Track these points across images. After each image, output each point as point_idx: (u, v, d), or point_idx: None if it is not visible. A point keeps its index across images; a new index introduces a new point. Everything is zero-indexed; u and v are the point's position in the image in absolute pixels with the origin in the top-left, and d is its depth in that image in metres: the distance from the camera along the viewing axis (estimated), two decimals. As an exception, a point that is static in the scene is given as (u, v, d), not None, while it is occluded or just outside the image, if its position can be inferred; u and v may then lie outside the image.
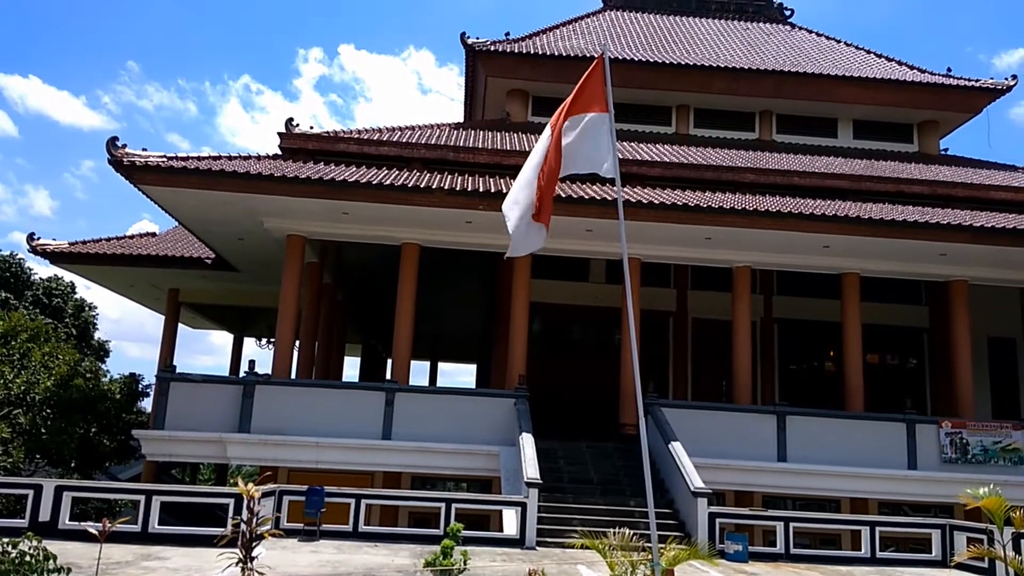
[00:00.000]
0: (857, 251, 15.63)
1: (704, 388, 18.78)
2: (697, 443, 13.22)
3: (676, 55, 22.05)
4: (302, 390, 14.91)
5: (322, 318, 19.00)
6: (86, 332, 30.72)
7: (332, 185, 13.89)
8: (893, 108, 21.84)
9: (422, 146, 17.33)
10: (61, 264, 20.23)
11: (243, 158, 15.21)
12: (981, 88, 21.96)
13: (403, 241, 15.52)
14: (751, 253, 15.93)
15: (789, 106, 21.86)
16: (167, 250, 20.10)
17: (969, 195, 17.95)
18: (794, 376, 19.59)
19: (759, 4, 27.56)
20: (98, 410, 18.29)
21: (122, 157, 13.53)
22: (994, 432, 15.00)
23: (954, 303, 16.46)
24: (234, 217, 15.39)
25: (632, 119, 21.13)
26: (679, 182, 16.99)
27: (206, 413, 13.96)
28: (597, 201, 14.05)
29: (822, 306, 18.40)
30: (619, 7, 26.83)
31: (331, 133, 17.46)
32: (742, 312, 16.09)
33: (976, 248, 15.07)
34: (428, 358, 33.52)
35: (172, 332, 22.20)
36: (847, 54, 24.37)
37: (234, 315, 24.83)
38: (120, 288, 22.76)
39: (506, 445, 13.48)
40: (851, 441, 14.68)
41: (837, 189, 17.59)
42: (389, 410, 14.10)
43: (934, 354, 19.31)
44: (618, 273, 18.32)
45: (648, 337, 18.21)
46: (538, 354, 17.67)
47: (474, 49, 21.26)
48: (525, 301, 15.75)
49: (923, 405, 18.92)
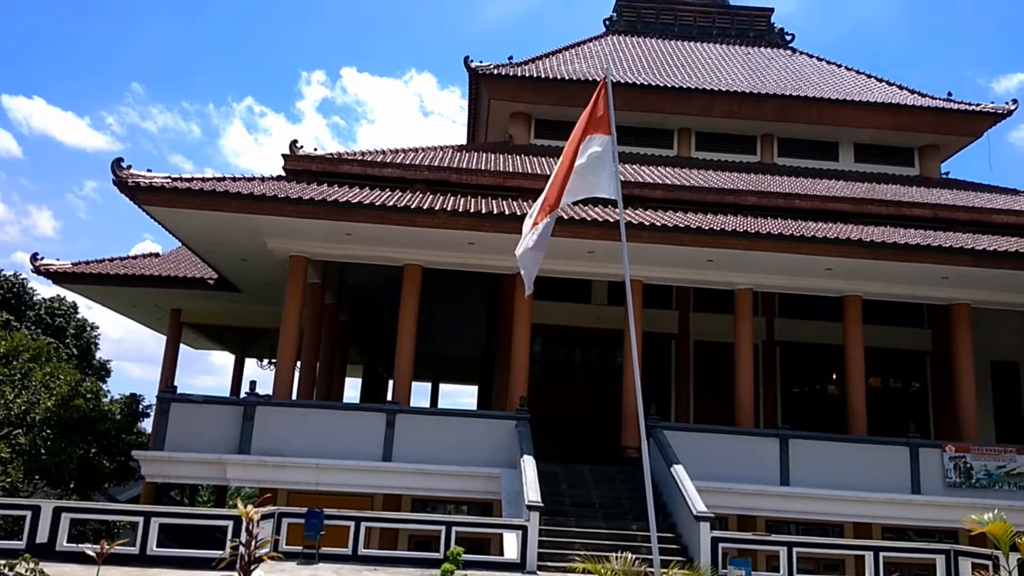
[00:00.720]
0: (859, 274, 15.63)
1: (706, 411, 18.69)
2: (699, 466, 13.14)
3: (678, 79, 22.21)
4: (303, 411, 14.85)
5: (324, 339, 19.00)
6: (87, 352, 30.71)
7: (335, 206, 13.94)
8: (894, 132, 21.94)
9: (425, 168, 17.41)
10: (64, 284, 20.28)
11: (247, 179, 15.29)
12: (982, 112, 22.07)
13: (405, 262, 15.55)
14: (753, 275, 15.93)
15: (791, 129, 21.97)
16: (170, 270, 20.15)
17: (971, 218, 17.98)
18: (797, 399, 19.50)
19: (760, 29, 27.80)
20: (98, 431, 18.24)
21: (127, 178, 13.61)
22: (998, 456, 14.90)
23: (957, 326, 16.42)
24: (237, 238, 15.44)
25: (634, 142, 21.24)
26: (681, 204, 17.04)
27: (206, 434, 13.91)
28: (599, 223, 14.09)
29: (825, 329, 18.37)
30: (621, 32, 27.07)
31: (335, 155, 17.56)
32: (744, 334, 16.06)
33: (978, 271, 15.06)
34: (430, 379, 33.44)
35: (174, 352, 22.19)
36: (848, 78, 24.53)
37: (236, 335, 24.83)
38: (122, 308, 22.79)
39: (507, 467, 13.41)
40: (854, 465, 14.58)
41: (839, 212, 17.63)
42: (390, 431, 14.04)
43: (937, 378, 19.23)
44: (620, 295, 18.34)
45: (650, 359, 18.13)
46: (540, 376, 17.64)
47: (478, 73, 21.44)
48: (527, 322, 15.74)
49: (926, 429, 18.82)
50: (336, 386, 21.69)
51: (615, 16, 27.55)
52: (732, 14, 28.06)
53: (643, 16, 27.57)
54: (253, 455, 13.71)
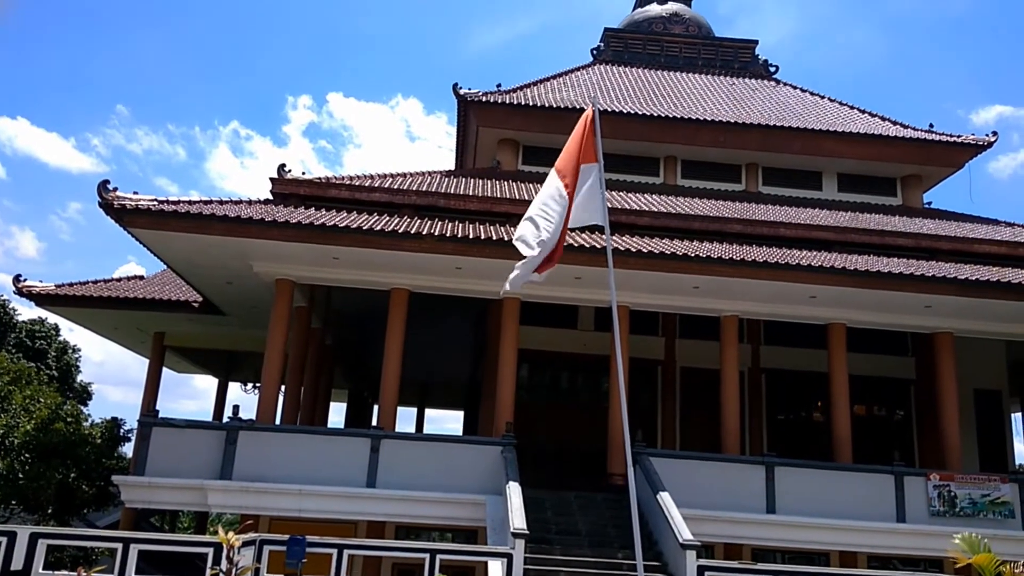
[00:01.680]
0: (843, 302, 15.74)
1: (693, 438, 18.66)
2: (686, 494, 13.08)
3: (664, 108, 22.47)
4: (286, 436, 14.70)
5: (309, 363, 18.87)
6: (68, 375, 30.37)
7: (322, 230, 13.93)
8: (877, 162, 22.24)
9: (413, 192, 17.46)
10: (47, 306, 20.08)
11: (234, 202, 15.26)
12: (963, 144, 22.43)
13: (392, 286, 15.52)
14: (739, 302, 16.02)
15: (775, 159, 22.24)
16: (154, 293, 20.01)
17: (953, 248, 18.19)
18: (782, 427, 19.53)
19: (745, 61, 28.23)
20: (78, 455, 17.96)
21: (113, 200, 13.55)
22: (982, 485, 14.93)
23: (940, 355, 16.54)
24: (223, 261, 15.38)
25: (621, 169, 21.41)
26: (667, 231, 17.15)
27: (188, 459, 13.72)
28: (586, 249, 14.14)
29: (810, 356, 18.45)
30: (608, 62, 27.40)
31: (322, 179, 17.58)
32: (730, 361, 16.10)
33: (961, 300, 15.20)
34: (415, 404, 33.26)
35: (156, 376, 21.96)
36: (831, 109, 24.91)
37: (220, 359, 24.62)
38: (105, 331, 22.57)
39: (492, 494, 13.29)
40: (840, 493, 14.57)
41: (823, 240, 17.79)
42: (374, 457, 13.91)
43: (921, 406, 19.33)
44: (607, 320, 18.37)
45: (636, 385, 18.16)
46: (526, 401, 17.57)
47: (466, 100, 21.60)
48: (513, 348, 15.71)
49: (911, 457, 18.87)
50: (320, 411, 21.51)
51: (602, 46, 27.91)
52: (717, 46, 28.51)
53: (630, 47, 27.97)
54: (235, 481, 13.53)
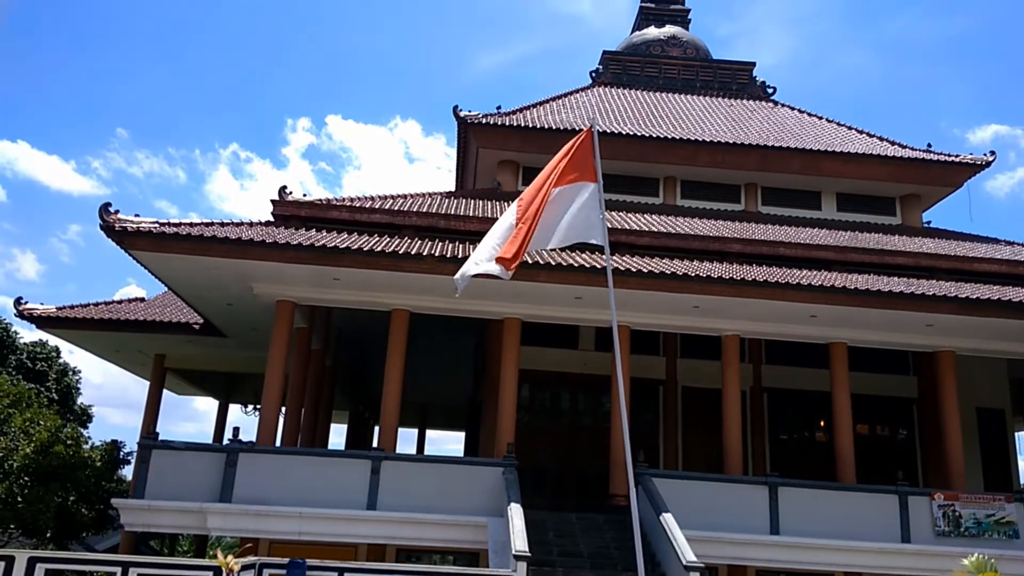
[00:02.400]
0: (844, 321, 15.74)
1: (695, 458, 18.59)
2: (688, 515, 13.00)
3: (663, 129, 22.60)
4: (286, 458, 14.65)
5: (309, 384, 18.84)
6: (68, 397, 30.27)
7: (323, 251, 13.98)
8: (875, 182, 22.32)
9: (413, 214, 17.52)
10: (48, 329, 20.09)
11: (235, 224, 15.32)
12: (961, 163, 22.52)
13: (393, 307, 15.54)
14: (739, 322, 16.01)
15: (774, 179, 22.33)
16: (155, 315, 20.02)
17: (953, 267, 18.20)
18: (785, 447, 19.44)
19: (742, 82, 28.44)
20: (77, 478, 17.85)
21: (114, 223, 13.61)
22: (987, 504, 14.84)
23: (942, 374, 16.50)
24: (224, 282, 15.41)
25: (621, 190, 21.49)
26: (667, 251, 17.19)
27: (187, 482, 13.66)
28: (586, 269, 14.17)
29: (811, 376, 18.41)
30: (607, 84, 27.61)
31: (323, 200, 17.65)
32: (732, 381, 16.07)
33: (962, 319, 15.20)
34: (416, 425, 33.11)
35: (156, 398, 21.91)
36: (829, 130, 25.04)
37: (220, 381, 24.58)
38: (106, 353, 22.56)
39: (494, 516, 13.22)
40: (844, 513, 14.48)
41: (823, 260, 17.81)
42: (375, 479, 13.85)
43: (924, 425, 19.25)
44: (607, 340, 18.36)
45: (638, 405, 18.13)
46: (527, 422, 17.52)
47: (466, 122, 21.74)
48: (514, 368, 15.69)
49: (914, 476, 18.77)
50: (321, 432, 21.43)
51: (601, 68, 28.14)
52: (715, 67, 28.74)
53: (628, 69, 28.19)
54: (235, 503, 13.46)
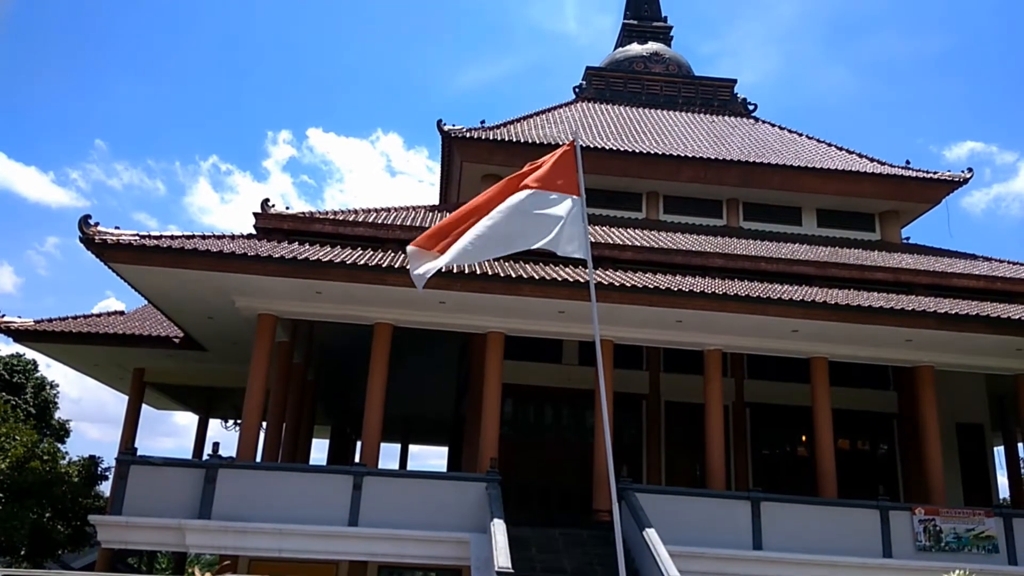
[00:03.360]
0: (825, 336, 15.85)
1: (678, 472, 18.58)
2: (672, 530, 12.98)
3: (646, 145, 22.76)
4: (266, 474, 14.47)
5: (290, 399, 18.68)
6: (46, 411, 29.75)
7: (305, 264, 13.91)
8: (855, 198, 22.57)
9: (397, 227, 17.49)
10: (26, 342, 19.82)
11: (217, 237, 15.22)
12: (939, 180, 22.82)
13: (376, 321, 15.47)
14: (722, 336, 16.08)
15: (755, 195, 22.52)
16: (135, 329, 19.81)
17: (932, 282, 18.39)
18: (767, 461, 19.49)
19: (724, 99, 28.73)
20: (53, 494, 17.58)
21: (94, 235, 13.47)
22: (967, 519, 14.94)
23: (921, 388, 16.64)
24: (205, 296, 15.28)
25: (604, 204, 21.59)
26: (650, 266, 17.26)
27: (166, 498, 13.47)
28: (569, 283, 14.20)
29: (793, 390, 18.51)
30: (590, 99, 27.79)
31: (306, 214, 17.59)
32: (714, 395, 16.11)
33: (941, 334, 15.36)
34: (399, 440, 32.92)
35: (135, 413, 21.64)
36: (809, 146, 25.32)
37: (200, 395, 24.33)
38: (85, 367, 22.28)
39: (477, 532, 13.13)
40: (825, 528, 14.51)
41: (803, 275, 17.95)
42: (357, 495, 13.71)
43: (904, 440, 19.38)
44: (591, 355, 18.35)
45: (621, 420, 18.13)
46: (510, 436, 17.45)
47: (450, 136, 21.78)
48: (497, 382, 15.65)
49: (895, 491, 18.86)
50: (302, 448, 21.23)
51: (584, 84, 28.34)
52: (697, 84, 29.03)
53: (611, 85, 28.41)
54: (214, 520, 13.28)
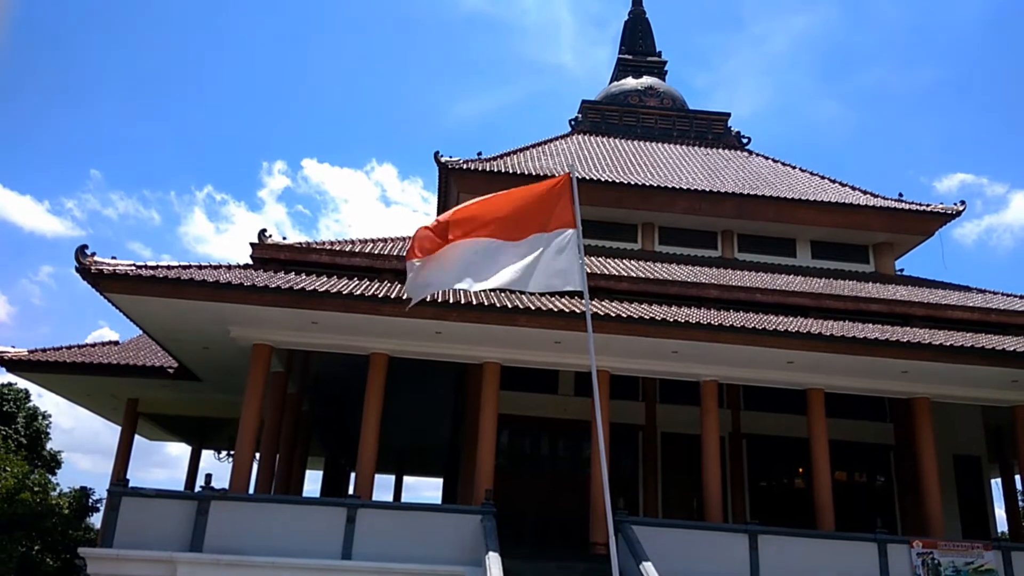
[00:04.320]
0: (820, 367, 15.85)
1: (674, 504, 18.46)
2: (669, 563, 12.84)
3: (641, 177, 22.96)
4: (259, 506, 14.30)
5: (284, 429, 18.57)
6: (37, 442, 29.54)
7: (301, 294, 13.91)
8: (849, 230, 22.73)
9: (394, 257, 17.54)
10: (19, 372, 19.71)
11: (213, 267, 15.24)
12: (932, 212, 23.01)
13: (372, 351, 15.44)
14: (718, 367, 16.07)
15: (749, 226, 22.68)
16: (129, 359, 19.74)
17: (927, 314, 18.47)
18: (764, 493, 19.37)
19: (718, 132, 29.07)
20: (43, 526, 17.39)
21: (90, 265, 13.48)
22: (965, 552, 14.82)
23: (918, 420, 16.61)
24: (201, 326, 15.26)
25: (600, 235, 21.72)
26: (646, 296, 17.30)
27: (158, 530, 13.30)
28: (565, 313, 14.21)
29: (790, 422, 18.46)
30: (586, 131, 28.09)
31: (302, 244, 17.65)
32: (711, 427, 16.06)
33: (936, 366, 15.36)
34: (393, 471, 32.70)
35: (128, 444, 21.47)
36: (802, 179, 25.56)
37: (193, 426, 24.17)
38: (78, 397, 22.14)
39: (472, 565, 12.98)
40: (823, 561, 14.36)
41: (799, 306, 18.01)
42: (350, 527, 13.56)
43: (901, 471, 19.30)
44: (587, 385, 18.28)
45: (617, 451, 18.03)
46: (506, 468, 17.34)
47: (447, 167, 21.95)
48: (493, 413, 15.57)
49: (892, 524, 18.76)
50: (296, 479, 21.06)
51: (580, 117, 28.67)
52: (691, 117, 29.39)
53: (607, 118, 28.74)
54: (206, 553, 13.10)
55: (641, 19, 34.23)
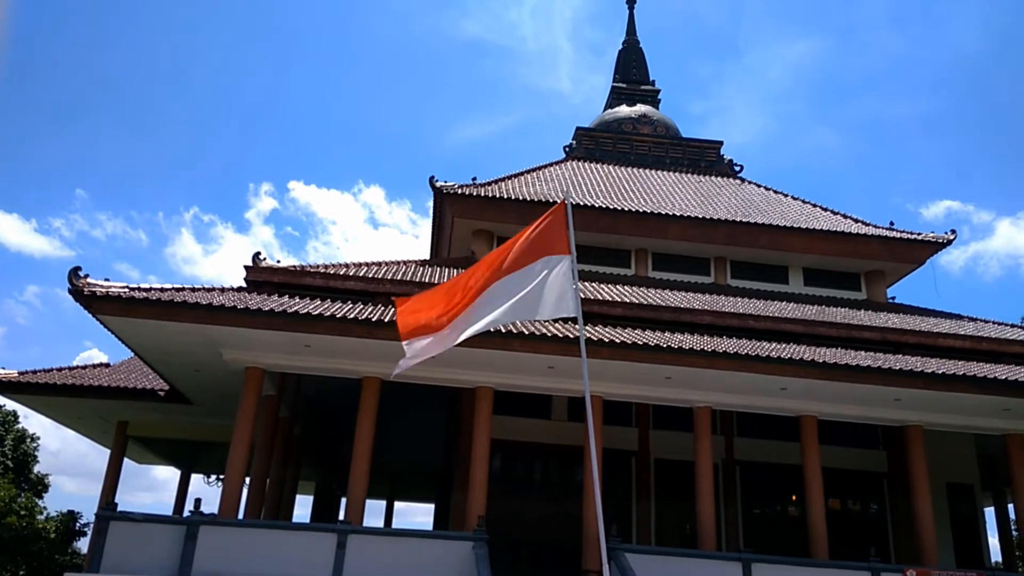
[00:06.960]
0: (813, 394, 15.87)
1: (668, 530, 18.35)
2: (661, 591, 12.76)
3: (634, 203, 23.10)
4: (249, 531, 14.14)
5: (276, 454, 18.42)
6: (24, 465, 29.19)
7: (295, 317, 13.89)
8: (841, 258, 22.86)
9: (388, 281, 17.55)
10: (8, 394, 19.55)
11: (206, 290, 15.21)
12: (923, 241, 23.18)
13: (364, 374, 15.40)
14: (711, 393, 16.07)
15: (742, 253, 22.80)
16: (120, 381, 19.58)
17: (919, 342, 18.53)
18: (757, 520, 19.28)
19: (711, 160, 29.32)
20: (30, 551, 17.17)
21: (83, 287, 13.45)
22: (960, 581, 14.75)
23: (911, 448, 16.60)
24: (192, 348, 15.20)
25: (593, 261, 21.79)
26: (639, 322, 17.33)
27: (146, 555, 13.12)
28: (559, 338, 14.22)
29: (783, 449, 18.43)
30: (580, 158, 28.28)
31: (297, 267, 17.66)
32: (704, 453, 16.01)
33: (929, 393, 15.40)
34: (384, 497, 32.40)
35: (117, 467, 21.24)
36: (794, 207, 25.75)
37: (183, 449, 23.93)
38: (67, 420, 21.94)
39: (463, 592, 12.85)
40: (818, 590, 14.28)
41: (791, 333, 18.05)
42: (340, 553, 13.40)
43: (895, 499, 19.25)
44: (580, 411, 18.30)
45: (611, 477, 17.90)
46: (498, 493, 17.21)
47: (442, 192, 22.05)
48: (486, 438, 15.51)
49: (886, 551, 18.66)
50: (286, 504, 20.85)
51: (574, 144, 28.89)
52: (684, 145, 29.66)
53: (601, 144, 28.97)
54: (194, 578, 12.95)
55: (635, 48, 34.67)
